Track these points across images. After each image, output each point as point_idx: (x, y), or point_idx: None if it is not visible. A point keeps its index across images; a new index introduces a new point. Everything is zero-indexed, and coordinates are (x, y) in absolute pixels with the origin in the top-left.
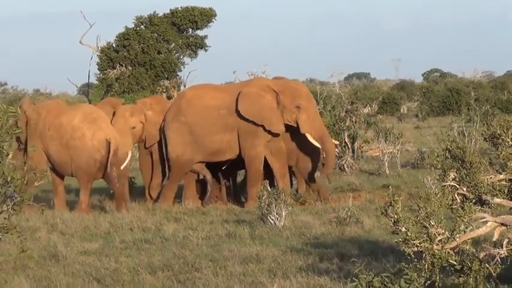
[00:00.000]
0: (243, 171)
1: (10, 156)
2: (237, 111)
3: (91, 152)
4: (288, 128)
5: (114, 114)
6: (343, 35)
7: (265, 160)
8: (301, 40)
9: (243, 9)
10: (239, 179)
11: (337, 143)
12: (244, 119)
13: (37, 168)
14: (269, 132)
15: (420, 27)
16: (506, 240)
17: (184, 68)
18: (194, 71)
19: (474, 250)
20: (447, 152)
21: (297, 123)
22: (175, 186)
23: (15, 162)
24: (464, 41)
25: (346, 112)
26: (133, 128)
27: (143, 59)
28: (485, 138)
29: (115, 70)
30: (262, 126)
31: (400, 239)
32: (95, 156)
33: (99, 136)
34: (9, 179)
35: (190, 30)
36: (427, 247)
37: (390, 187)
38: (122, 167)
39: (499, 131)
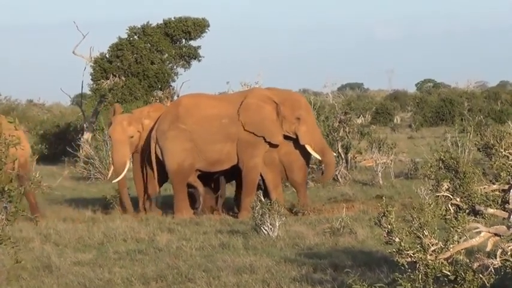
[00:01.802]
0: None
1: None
2: (239, 122)
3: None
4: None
5: (110, 123)
6: (336, 45)
7: None
8: (294, 50)
9: (236, 19)
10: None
11: (335, 154)
12: (246, 129)
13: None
14: (269, 143)
15: (413, 38)
16: (499, 251)
17: (177, 78)
18: (187, 82)
19: (468, 260)
20: (441, 162)
21: (296, 135)
22: (184, 196)
23: (12, 173)
24: (458, 51)
25: (339, 122)
26: (131, 137)
27: (136, 69)
28: (478, 149)
29: (108, 80)
30: (263, 137)
31: (394, 250)
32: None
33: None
34: (5, 189)
35: (183, 40)
36: (421, 257)
37: (384, 197)
38: (120, 177)
39: (492, 141)
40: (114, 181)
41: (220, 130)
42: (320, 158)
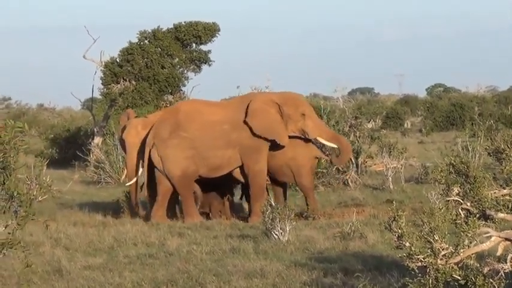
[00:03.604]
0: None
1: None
2: (249, 128)
3: None
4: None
5: (124, 128)
6: (346, 49)
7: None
8: (304, 53)
9: (246, 23)
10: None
11: (327, 158)
12: (249, 135)
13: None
14: (277, 146)
15: (423, 41)
16: (510, 255)
17: (188, 82)
18: (198, 86)
19: (478, 265)
20: (451, 167)
21: (303, 131)
22: (192, 201)
23: (21, 177)
24: (468, 56)
25: (350, 127)
26: None
27: (147, 73)
28: (489, 153)
29: (119, 85)
30: (274, 140)
31: (404, 254)
32: None
33: None
34: (15, 194)
35: (194, 45)
36: (431, 262)
37: (394, 202)
38: (133, 181)
39: (502, 146)
40: (127, 184)
41: (221, 136)
42: (336, 146)
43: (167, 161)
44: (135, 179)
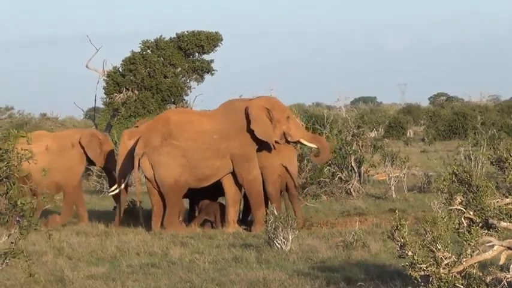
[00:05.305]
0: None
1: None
2: (230, 138)
3: None
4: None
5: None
6: (348, 58)
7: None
8: (307, 63)
9: (249, 32)
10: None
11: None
12: (238, 144)
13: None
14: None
15: (426, 51)
16: None
17: (190, 92)
18: (200, 95)
19: (481, 274)
20: (454, 175)
21: (286, 134)
22: (177, 210)
23: (25, 187)
24: (471, 65)
25: (352, 136)
26: None
27: (149, 83)
28: (491, 162)
29: (121, 94)
30: (261, 146)
31: (407, 263)
32: None
33: None
34: (18, 203)
35: (196, 54)
36: (434, 271)
37: (397, 211)
38: (116, 191)
39: (505, 155)
40: (110, 193)
41: (211, 146)
42: (316, 146)
43: (160, 167)
44: (118, 189)
